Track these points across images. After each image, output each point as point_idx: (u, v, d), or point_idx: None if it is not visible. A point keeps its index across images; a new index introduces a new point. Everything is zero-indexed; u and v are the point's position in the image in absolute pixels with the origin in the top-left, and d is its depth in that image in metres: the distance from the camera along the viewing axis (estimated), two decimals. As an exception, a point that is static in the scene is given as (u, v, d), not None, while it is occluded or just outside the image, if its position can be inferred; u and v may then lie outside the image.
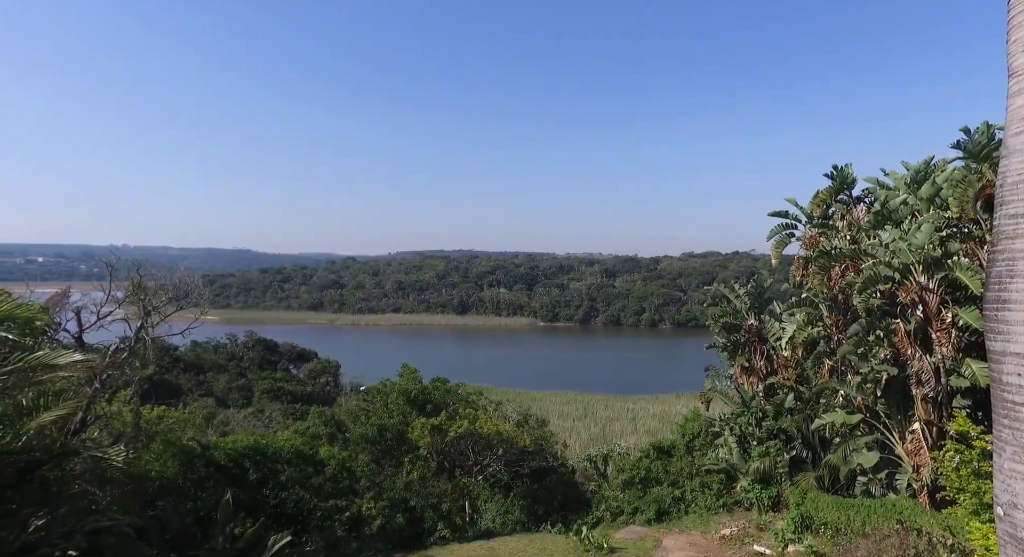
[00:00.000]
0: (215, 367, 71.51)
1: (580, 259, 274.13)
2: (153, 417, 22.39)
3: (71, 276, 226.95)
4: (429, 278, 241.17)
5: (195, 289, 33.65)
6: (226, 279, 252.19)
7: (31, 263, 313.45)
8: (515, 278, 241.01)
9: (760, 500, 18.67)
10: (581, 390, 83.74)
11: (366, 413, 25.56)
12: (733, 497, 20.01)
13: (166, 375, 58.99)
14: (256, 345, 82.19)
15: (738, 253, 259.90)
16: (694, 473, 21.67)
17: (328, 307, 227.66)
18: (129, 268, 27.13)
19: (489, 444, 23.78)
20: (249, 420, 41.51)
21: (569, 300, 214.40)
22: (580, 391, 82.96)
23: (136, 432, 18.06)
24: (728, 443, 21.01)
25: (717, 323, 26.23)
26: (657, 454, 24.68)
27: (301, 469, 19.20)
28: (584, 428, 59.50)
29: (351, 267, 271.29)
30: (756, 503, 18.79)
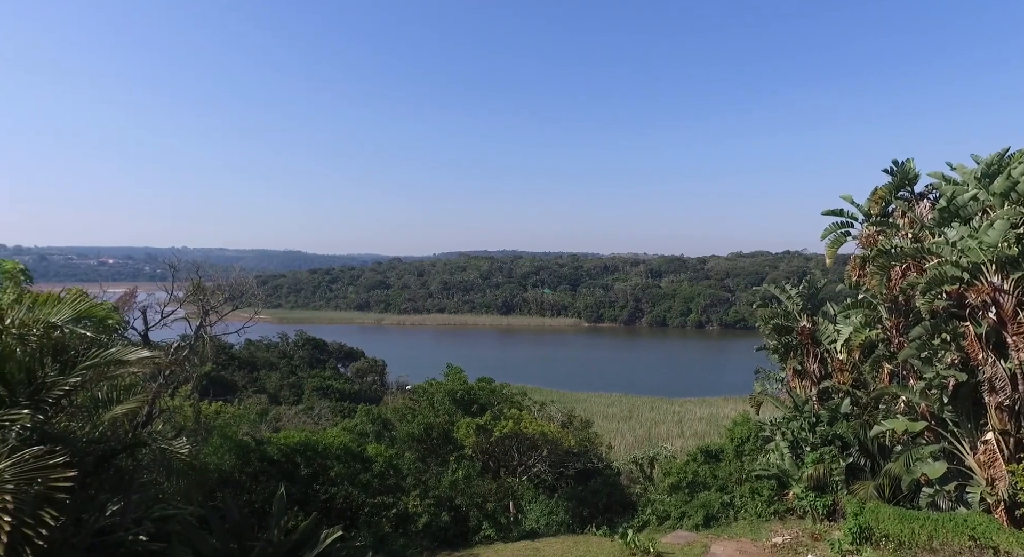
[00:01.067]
0: (268, 365, 73.98)
1: (625, 259, 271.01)
2: (211, 412, 23.38)
3: (137, 277, 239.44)
4: (473, 278, 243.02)
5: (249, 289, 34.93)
6: (277, 280, 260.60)
7: (103, 265, 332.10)
8: (559, 278, 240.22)
9: (814, 508, 18.02)
10: (626, 391, 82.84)
11: (412, 412, 25.97)
12: (785, 504, 19.38)
13: (222, 372, 61.43)
14: (306, 344, 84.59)
15: (788, 253, 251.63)
16: (744, 478, 21.10)
17: (375, 307, 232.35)
18: (189, 269, 28.40)
19: (534, 444, 23.78)
20: (300, 417, 42.74)
21: (614, 300, 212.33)
22: (625, 393, 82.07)
23: (196, 426, 18.87)
24: (780, 448, 20.36)
25: (767, 325, 25.46)
26: (705, 458, 24.16)
27: (350, 466, 19.67)
28: (629, 430, 58.83)
29: (397, 268, 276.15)
30: (810, 511, 18.15)
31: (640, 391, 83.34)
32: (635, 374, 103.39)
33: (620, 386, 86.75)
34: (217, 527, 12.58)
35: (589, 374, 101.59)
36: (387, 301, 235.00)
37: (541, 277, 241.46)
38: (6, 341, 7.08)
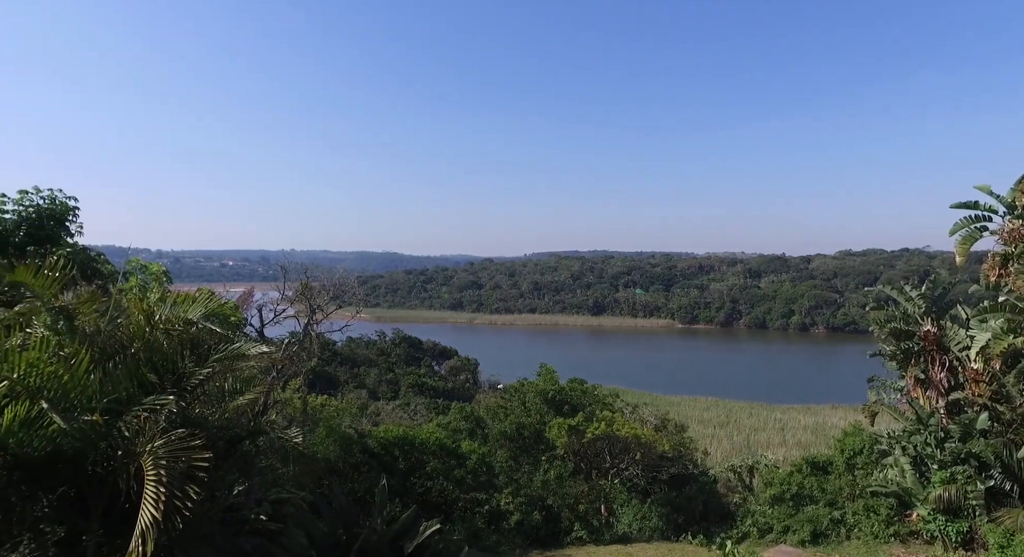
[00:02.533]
0: (367, 361, 77.80)
1: (721, 259, 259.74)
2: (317, 405, 24.94)
3: (252, 277, 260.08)
4: (564, 279, 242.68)
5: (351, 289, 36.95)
6: (376, 280, 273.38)
7: (224, 266, 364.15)
8: (651, 279, 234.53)
9: (945, 534, 16.27)
10: (723, 396, 79.46)
11: (504, 411, 26.36)
12: (908, 526, 17.74)
13: (326, 367, 65.37)
14: (402, 342, 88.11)
15: (907, 250, 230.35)
16: (856, 494, 19.56)
17: (467, 307, 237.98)
18: (298, 270, 30.51)
19: (626, 447, 23.40)
20: (397, 412, 44.59)
21: (709, 301, 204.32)
22: (721, 397, 78.75)
23: (304, 418, 20.25)
24: (900, 464, 18.65)
25: (883, 328, 23.37)
26: (811, 469, 22.65)
27: (445, 461, 20.32)
28: (726, 436, 56.39)
29: (488, 268, 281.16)
30: (940, 537, 16.42)
31: (738, 396, 79.64)
32: (732, 378, 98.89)
33: (716, 390, 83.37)
34: (326, 512, 13.44)
35: (683, 377, 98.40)
36: (479, 301, 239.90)
37: (633, 277, 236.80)
38: (156, 335, 7.99)
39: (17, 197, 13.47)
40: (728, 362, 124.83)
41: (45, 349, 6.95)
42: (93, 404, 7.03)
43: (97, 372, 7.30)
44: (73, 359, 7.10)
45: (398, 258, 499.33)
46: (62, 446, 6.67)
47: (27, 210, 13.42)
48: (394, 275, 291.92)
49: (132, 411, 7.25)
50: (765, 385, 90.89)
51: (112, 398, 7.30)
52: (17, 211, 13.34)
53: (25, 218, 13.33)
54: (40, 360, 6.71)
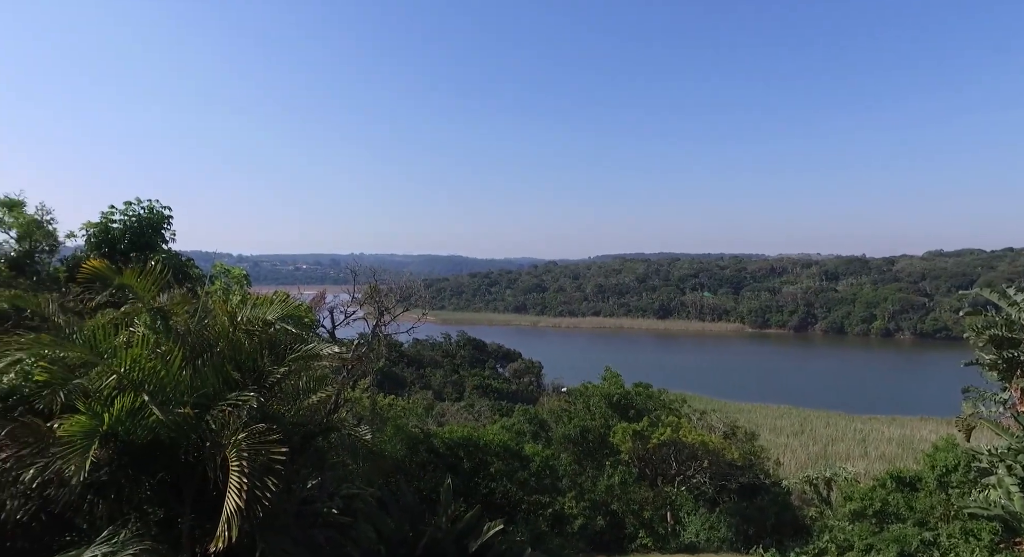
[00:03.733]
0: (432, 363, 79.45)
1: (794, 260, 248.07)
2: (384, 404, 25.73)
3: (323, 280, 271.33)
4: (629, 281, 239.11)
5: (417, 292, 37.86)
6: (441, 283, 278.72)
7: (298, 270, 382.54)
8: (720, 281, 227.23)
9: (1061, 565, 14.87)
10: (797, 404, 75.91)
11: (568, 414, 26.29)
12: (1016, 554, 16.30)
13: (393, 368, 67.26)
14: (467, 344, 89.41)
15: (1012, 250, 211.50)
16: (952, 515, 18.16)
17: (531, 309, 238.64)
18: (367, 274, 31.63)
19: (693, 454, 22.82)
20: (461, 413, 45.30)
21: (782, 305, 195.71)
22: (796, 405, 75.24)
23: (373, 416, 20.94)
24: (1004, 484, 17.08)
25: (981, 335, 21.58)
26: (897, 485, 21.24)
27: (508, 463, 20.47)
28: (801, 446, 53.83)
29: (552, 271, 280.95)
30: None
31: (814, 404, 75.83)
32: (808, 385, 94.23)
33: (790, 397, 79.71)
34: (394, 509, 13.86)
35: (754, 383, 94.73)
36: (543, 304, 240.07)
37: (700, 280, 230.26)
38: (238, 335, 8.54)
39: (123, 208, 14.73)
40: (803, 368, 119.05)
41: (146, 346, 7.58)
42: (185, 398, 7.60)
43: (188, 369, 7.88)
44: (168, 356, 7.70)
45: (462, 261, 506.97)
46: (160, 436, 7.24)
47: (131, 220, 14.65)
48: (459, 278, 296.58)
49: (218, 406, 7.78)
50: (844, 393, 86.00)
51: (201, 393, 7.86)
52: (123, 220, 14.58)
53: (129, 227, 14.55)
54: (142, 356, 7.32)
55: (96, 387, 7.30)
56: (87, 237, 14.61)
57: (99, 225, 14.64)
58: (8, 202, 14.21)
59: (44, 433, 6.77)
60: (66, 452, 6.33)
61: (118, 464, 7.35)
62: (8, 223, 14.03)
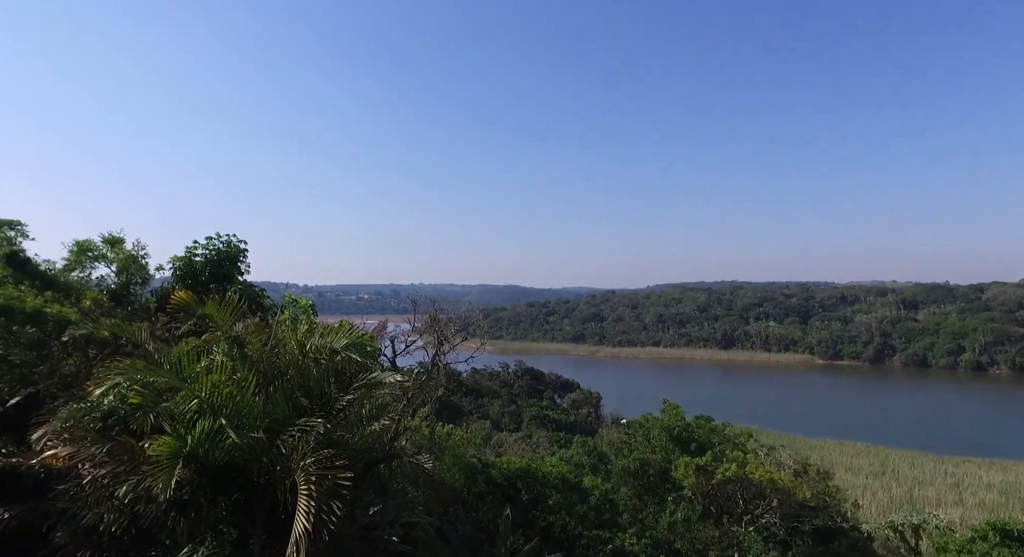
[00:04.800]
0: (491, 392, 79.50)
1: (866, 288, 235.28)
2: (443, 433, 25.95)
3: (385, 310, 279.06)
4: (690, 311, 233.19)
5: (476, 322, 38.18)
6: (499, 313, 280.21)
7: (360, 300, 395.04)
8: (785, 310, 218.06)
9: None
10: (876, 442, 71.03)
11: (628, 447, 25.70)
12: None
13: (452, 397, 67.74)
14: (525, 374, 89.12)
15: None
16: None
17: (589, 339, 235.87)
18: (426, 303, 32.34)
19: (761, 492, 21.75)
20: (519, 444, 44.98)
21: (854, 335, 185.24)
22: (874, 443, 70.42)
23: (432, 445, 21.17)
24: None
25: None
26: (1001, 538, 19.18)
27: (567, 495, 20.15)
28: (882, 488, 50.20)
29: (611, 300, 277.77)
30: None
31: (896, 443, 70.67)
32: (888, 421, 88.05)
33: (868, 435, 74.72)
34: (452, 539, 13.90)
35: (827, 418, 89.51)
36: (601, 333, 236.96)
37: (765, 309, 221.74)
38: (307, 363, 8.99)
39: (205, 243, 15.87)
40: (882, 403, 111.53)
41: (224, 373, 8.09)
42: (258, 423, 8.03)
43: (261, 394, 8.34)
44: (243, 382, 8.19)
45: (520, 291, 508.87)
46: (235, 458, 7.67)
47: (211, 253, 15.75)
48: (517, 308, 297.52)
49: (288, 431, 8.16)
50: (932, 432, 79.56)
51: (272, 418, 8.28)
52: (204, 254, 15.70)
53: (210, 260, 15.64)
54: (220, 382, 7.83)
55: (180, 410, 7.84)
56: (174, 270, 15.79)
57: (184, 259, 15.81)
58: (111, 239, 15.61)
59: (137, 452, 7.32)
60: (155, 471, 6.81)
61: (198, 484, 7.81)
62: (110, 258, 15.39)
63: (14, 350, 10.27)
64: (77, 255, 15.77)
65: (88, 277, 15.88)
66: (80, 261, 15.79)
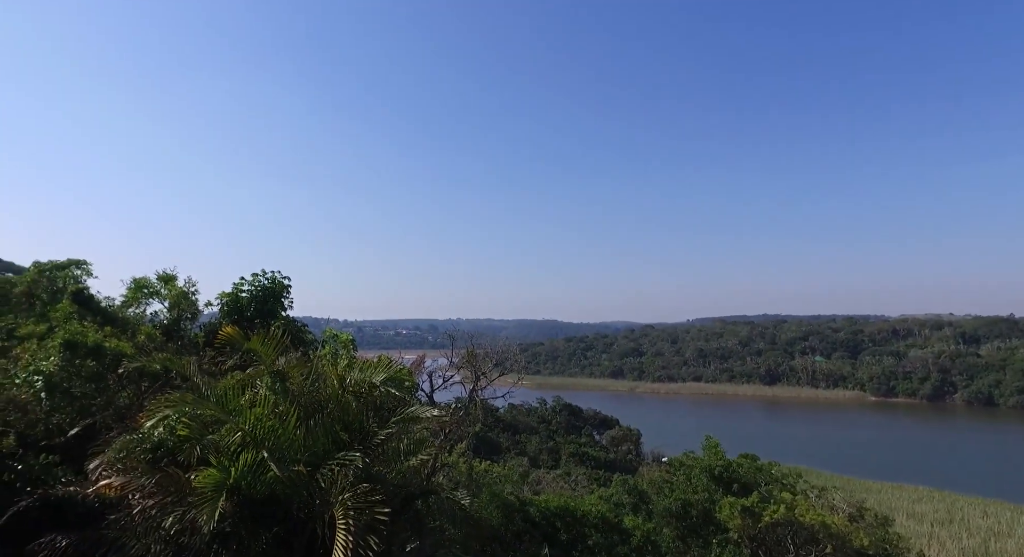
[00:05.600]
0: (528, 429, 78.48)
1: (921, 321, 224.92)
2: (481, 470, 25.70)
3: (422, 345, 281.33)
4: (731, 345, 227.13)
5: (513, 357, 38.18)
6: (536, 348, 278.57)
7: (398, 335, 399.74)
8: (832, 345, 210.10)
9: None
10: (941, 486, 66.50)
11: (669, 486, 24.88)
12: None
13: (489, 433, 67.12)
14: (563, 410, 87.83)
15: None
16: None
17: (628, 374, 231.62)
18: (464, 339, 32.55)
19: (813, 537, 20.64)
20: (557, 482, 44.07)
21: (909, 371, 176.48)
22: (939, 487, 65.96)
23: (469, 482, 20.99)
24: None
25: None
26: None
27: (607, 536, 19.59)
28: (950, 538, 46.79)
29: (649, 335, 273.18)
30: None
31: (964, 488, 65.82)
32: (954, 465, 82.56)
33: (931, 479, 70.17)
34: (489, 578, 13.61)
35: (884, 459, 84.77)
36: (640, 368, 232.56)
37: (810, 343, 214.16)
38: (346, 397, 9.17)
39: (251, 279, 16.52)
40: (945, 445, 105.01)
41: (267, 406, 8.33)
42: (298, 456, 8.19)
43: (301, 428, 8.52)
44: (285, 416, 8.40)
45: (557, 325, 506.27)
46: (276, 491, 7.82)
47: (256, 290, 16.35)
48: (554, 342, 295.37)
49: (327, 464, 8.29)
50: (1006, 478, 73.67)
51: (312, 452, 8.43)
52: (250, 290, 16.31)
53: (255, 296, 16.24)
54: (263, 415, 8.06)
55: (225, 443, 8.08)
56: (221, 306, 16.42)
57: (231, 295, 16.44)
58: (164, 277, 16.44)
59: (183, 484, 7.55)
60: (200, 502, 7.00)
61: (240, 517, 7.97)
62: (163, 294, 16.16)
63: (76, 382, 10.81)
64: (134, 292, 16.61)
65: (143, 313, 16.67)
66: (137, 297, 16.62)
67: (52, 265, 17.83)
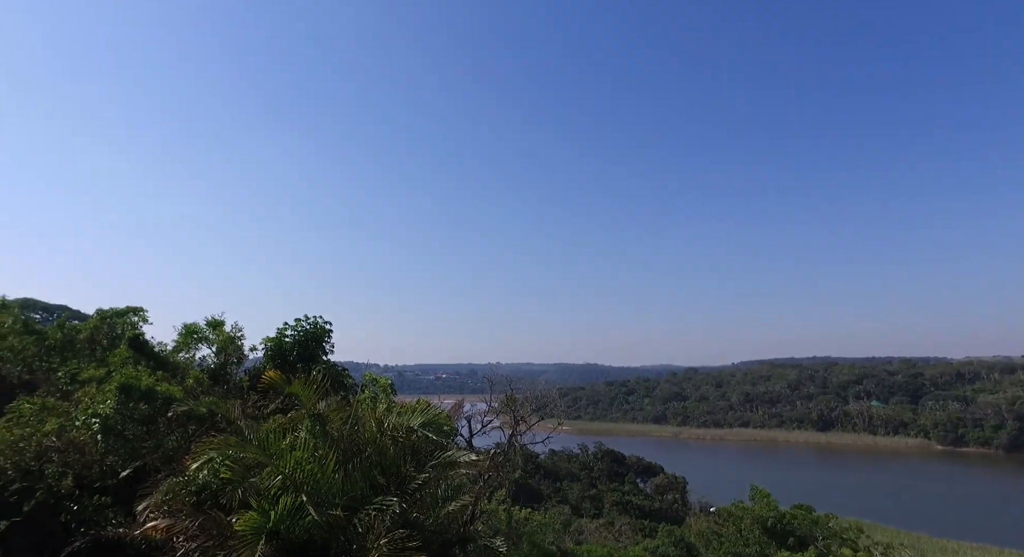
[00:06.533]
0: (569, 475, 76.41)
1: (988, 364, 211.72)
2: (520, 518, 25.11)
3: (462, 389, 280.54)
4: (780, 389, 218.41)
5: (552, 401, 37.64)
6: (577, 392, 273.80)
7: (437, 379, 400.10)
8: (889, 389, 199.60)
9: None
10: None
11: (718, 537, 23.76)
12: None
13: (529, 480, 65.60)
14: (605, 456, 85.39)
15: None
16: None
17: (671, 420, 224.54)
18: (503, 383, 32.37)
19: (877, 598, 19.25)
20: (600, 531, 42.48)
21: (980, 418, 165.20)
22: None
23: (509, 529, 20.50)
24: None
25: None
26: None
27: (653, 591, 18.71)
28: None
29: (693, 378, 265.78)
30: None
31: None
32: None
33: (1014, 539, 64.16)
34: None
35: (960, 515, 78.74)
36: (684, 413, 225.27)
37: (865, 387, 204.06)
38: (384, 441, 9.24)
39: (294, 324, 17.02)
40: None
41: (306, 450, 8.46)
42: (336, 500, 8.24)
43: (340, 472, 8.60)
44: (324, 460, 8.50)
45: (597, 369, 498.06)
46: (314, 535, 7.86)
47: (299, 334, 16.81)
48: (595, 387, 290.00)
49: (364, 509, 8.30)
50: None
51: (350, 496, 8.47)
52: (293, 335, 16.79)
53: (298, 341, 16.68)
54: (303, 459, 8.18)
55: (266, 486, 8.21)
56: (266, 350, 16.90)
57: (275, 340, 16.93)
58: (213, 322, 17.13)
59: (225, 527, 7.68)
60: (240, 546, 7.10)
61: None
62: (211, 339, 16.80)
63: (129, 425, 11.25)
64: (185, 337, 17.31)
65: (193, 357, 17.31)
66: (187, 343, 17.30)
67: (112, 312, 18.82)
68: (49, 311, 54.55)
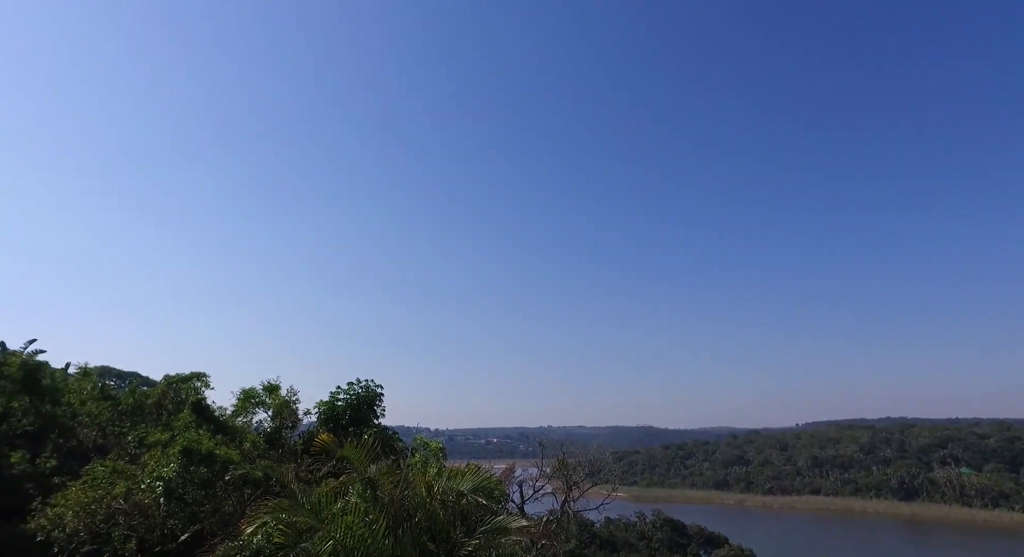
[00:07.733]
0: (627, 545, 72.40)
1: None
2: (576, 592, 23.80)
3: (513, 454, 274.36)
4: (851, 453, 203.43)
5: (606, 465, 36.32)
6: (632, 456, 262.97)
7: (488, 444, 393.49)
8: (982, 454, 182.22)
9: None
10: None
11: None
12: None
13: (584, 550, 62.45)
14: (664, 525, 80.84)
15: None
16: None
17: (734, 486, 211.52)
18: (555, 447, 31.58)
19: None
20: (664, 610, 39.59)
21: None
22: None
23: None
24: None
25: None
26: None
27: None
28: None
29: (755, 441, 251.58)
30: None
31: None
32: None
33: None
34: None
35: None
36: (747, 479, 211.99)
37: (951, 451, 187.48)
38: (434, 505, 9.19)
39: (346, 388, 17.43)
40: None
41: (357, 514, 8.51)
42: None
43: (390, 537, 8.56)
44: (374, 525, 8.51)
45: (653, 431, 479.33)
46: (362, 603, 7.77)
47: (351, 398, 17.17)
48: (651, 450, 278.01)
49: (414, 577, 8.18)
50: None
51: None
52: (346, 399, 17.16)
53: (350, 404, 17.02)
54: (354, 524, 8.22)
55: (317, 551, 8.24)
56: (319, 414, 17.28)
57: (328, 403, 17.33)
58: (269, 387, 17.76)
59: (277, 593, 7.70)
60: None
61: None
62: (268, 404, 17.36)
63: (189, 488, 11.60)
64: (243, 402, 17.93)
65: (250, 421, 17.85)
66: (245, 407, 17.90)
67: (178, 378, 19.77)
68: (122, 378, 57.44)
